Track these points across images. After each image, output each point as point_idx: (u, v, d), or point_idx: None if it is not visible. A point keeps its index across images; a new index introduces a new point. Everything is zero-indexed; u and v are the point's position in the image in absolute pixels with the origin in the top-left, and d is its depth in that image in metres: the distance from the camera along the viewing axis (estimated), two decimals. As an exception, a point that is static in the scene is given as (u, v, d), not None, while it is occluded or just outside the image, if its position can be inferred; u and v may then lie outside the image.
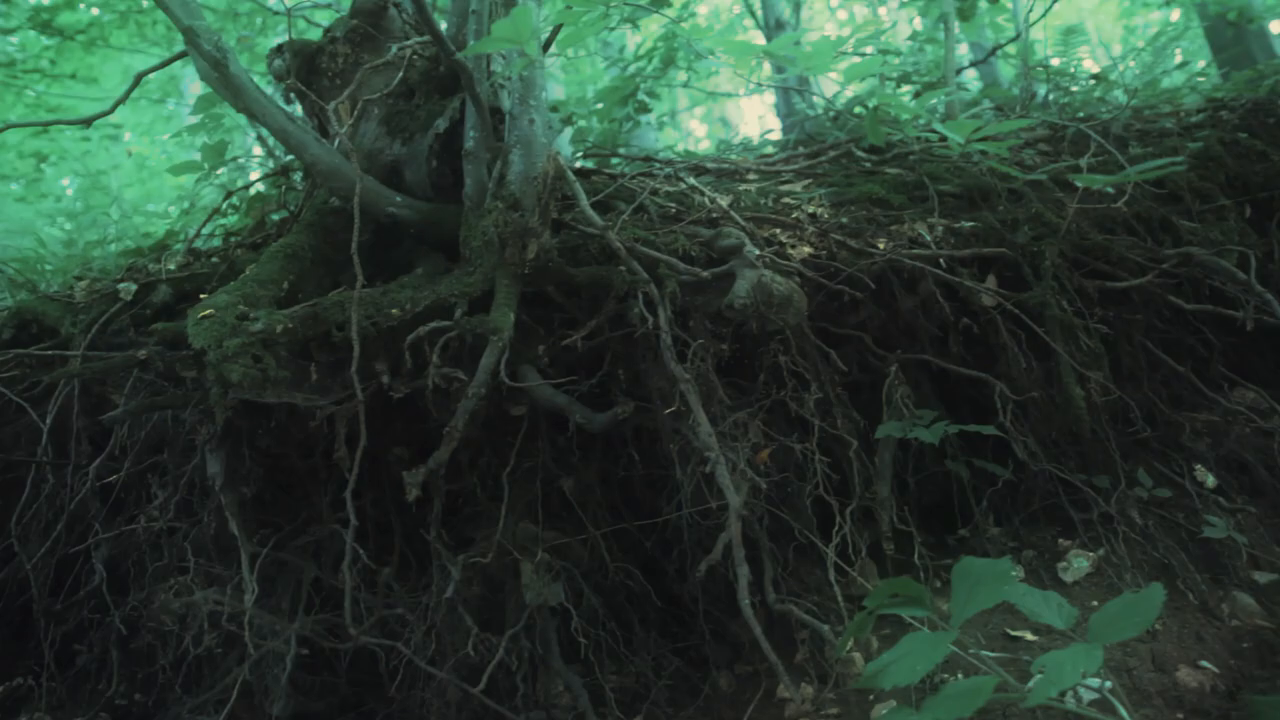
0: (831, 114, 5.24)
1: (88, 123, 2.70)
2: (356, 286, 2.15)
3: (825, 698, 2.07)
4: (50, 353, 2.51)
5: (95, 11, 6.50)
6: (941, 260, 2.51)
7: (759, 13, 6.30)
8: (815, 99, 4.64)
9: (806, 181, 3.11)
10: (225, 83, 2.54)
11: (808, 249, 2.48)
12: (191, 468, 2.26)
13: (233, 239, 3.28)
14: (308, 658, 2.25)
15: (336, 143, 2.71)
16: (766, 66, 7.30)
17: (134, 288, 2.79)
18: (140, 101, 9.00)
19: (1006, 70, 7.55)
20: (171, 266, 2.84)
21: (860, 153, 3.22)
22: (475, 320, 2.17)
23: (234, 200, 3.27)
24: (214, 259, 2.97)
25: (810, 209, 2.75)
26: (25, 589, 2.72)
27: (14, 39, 7.34)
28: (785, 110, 6.22)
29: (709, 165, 3.18)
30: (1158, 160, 1.92)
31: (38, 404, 2.71)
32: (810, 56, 1.67)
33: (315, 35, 3.15)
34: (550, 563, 2.14)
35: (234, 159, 4.12)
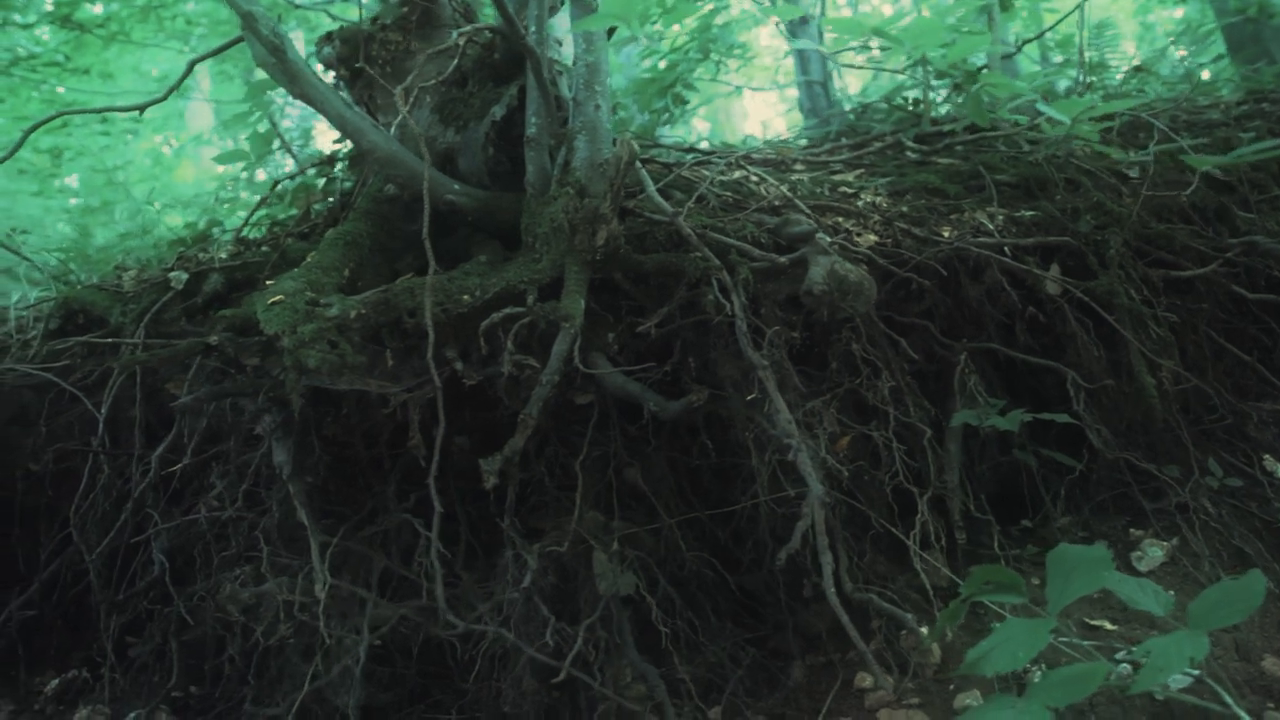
0: (859, 108, 5.22)
1: (141, 109, 2.67)
2: (429, 272, 2.13)
3: (905, 687, 2.04)
4: (111, 340, 2.48)
5: (115, 6, 6.46)
6: (1006, 249, 2.49)
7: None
8: (840, 92, 4.62)
9: (858, 171, 3.09)
10: (283, 69, 2.51)
11: (873, 237, 2.46)
12: (258, 457, 2.23)
13: (276, 229, 3.25)
14: (375, 648, 2.22)
15: (393, 129, 2.69)
16: (788, 62, 7.28)
17: (185, 276, 2.76)
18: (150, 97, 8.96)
19: (1026, 65, 7.54)
20: (223, 255, 2.81)
21: (910, 143, 3.20)
22: (548, 307, 2.15)
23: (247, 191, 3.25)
24: (264, 248, 2.95)
25: (868, 198, 2.73)
26: (79, 580, 2.69)
27: (31, 33, 7.31)
28: (809, 106, 6.19)
29: (754, 156, 3.16)
30: (1268, 142, 1.90)
31: (90, 394, 2.68)
32: (918, 35, 1.65)
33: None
34: (623, 552, 2.12)
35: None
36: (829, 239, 2.25)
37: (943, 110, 3.76)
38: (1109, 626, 2.09)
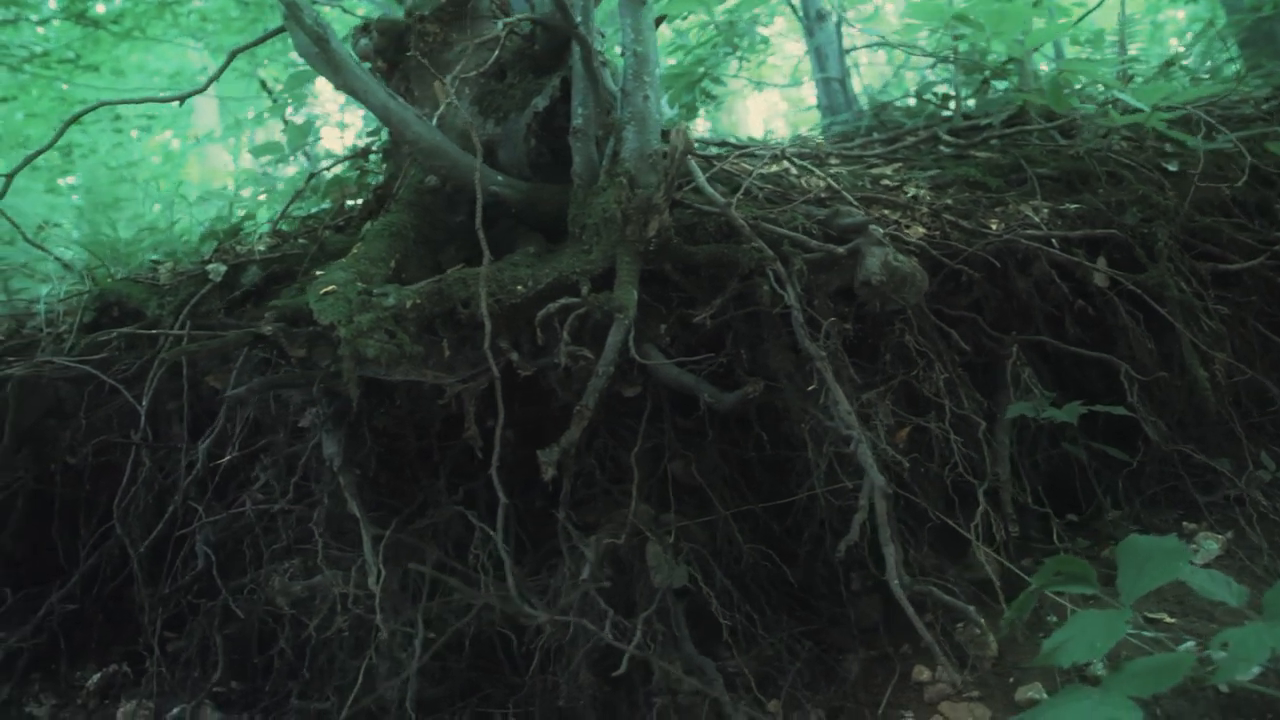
0: (880, 105, 5.21)
1: (180, 99, 2.65)
2: (484, 262, 2.11)
3: (964, 680, 2.03)
4: (156, 332, 2.46)
5: (128, 3, 6.43)
6: (1053, 241, 2.48)
7: (798, 4, 6.26)
8: (869, 89, 4.60)
9: (895, 165, 3.08)
10: (326, 59, 2.49)
11: (920, 229, 2.44)
12: (308, 449, 2.21)
13: (310, 221, 3.24)
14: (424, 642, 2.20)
15: (434, 120, 2.68)
16: (791, 61, 7.27)
17: (224, 269, 2.75)
18: (162, 92, 8.92)
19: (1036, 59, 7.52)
20: (261, 248, 2.79)
21: (946, 136, 3.19)
22: (603, 297, 2.13)
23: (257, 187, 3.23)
24: (300, 240, 2.93)
25: (912, 191, 2.72)
26: (118, 574, 2.67)
27: (40, 30, 7.28)
28: (827, 103, 6.18)
29: (788, 150, 3.14)
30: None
31: (128, 387, 2.66)
32: (1000, 20, 1.63)
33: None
34: (678, 544, 2.10)
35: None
36: (881, 231, 2.23)
37: (968, 105, 3.74)
38: (1168, 619, 2.08)
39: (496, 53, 2.79)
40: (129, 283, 2.94)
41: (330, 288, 2.09)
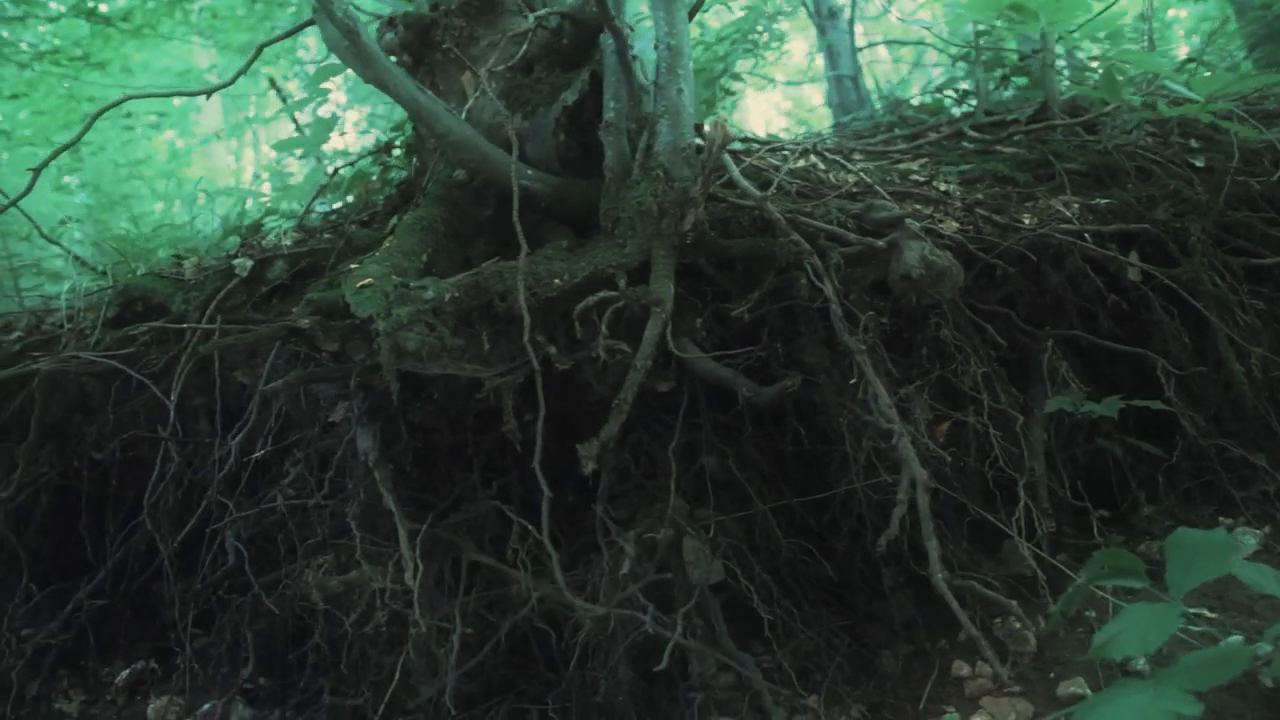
0: (894, 102, 5.20)
1: (209, 93, 2.64)
2: (521, 255, 2.10)
3: (1005, 675, 2.02)
4: (186, 326, 2.45)
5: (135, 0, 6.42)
6: (1086, 235, 2.47)
7: (809, 1, 6.26)
8: (891, 86, 4.60)
9: (922, 160, 3.07)
10: (356, 52, 2.48)
11: (954, 224, 2.44)
12: (342, 444, 2.20)
13: (333, 217, 3.23)
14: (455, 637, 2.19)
15: (463, 114, 2.67)
16: (818, 59, 7.26)
17: (250, 263, 2.73)
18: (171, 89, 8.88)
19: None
20: (288, 242, 2.78)
21: (972, 132, 3.18)
22: (640, 291, 2.12)
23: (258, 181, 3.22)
24: (326, 235, 2.92)
25: (941, 185, 2.71)
26: (145, 569, 2.66)
27: (41, 30, 7.26)
28: (838, 101, 6.18)
29: (818, 145, 3.13)
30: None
31: (154, 382, 2.64)
32: (1056, 9, 1.62)
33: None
34: (716, 539, 2.09)
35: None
36: (918, 225, 2.22)
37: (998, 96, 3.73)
38: (1208, 614, 2.07)
39: (525, 47, 2.79)
40: (153, 278, 2.92)
41: (366, 281, 2.08)
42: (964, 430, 2.20)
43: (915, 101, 5.18)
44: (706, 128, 2.21)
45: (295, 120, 6.54)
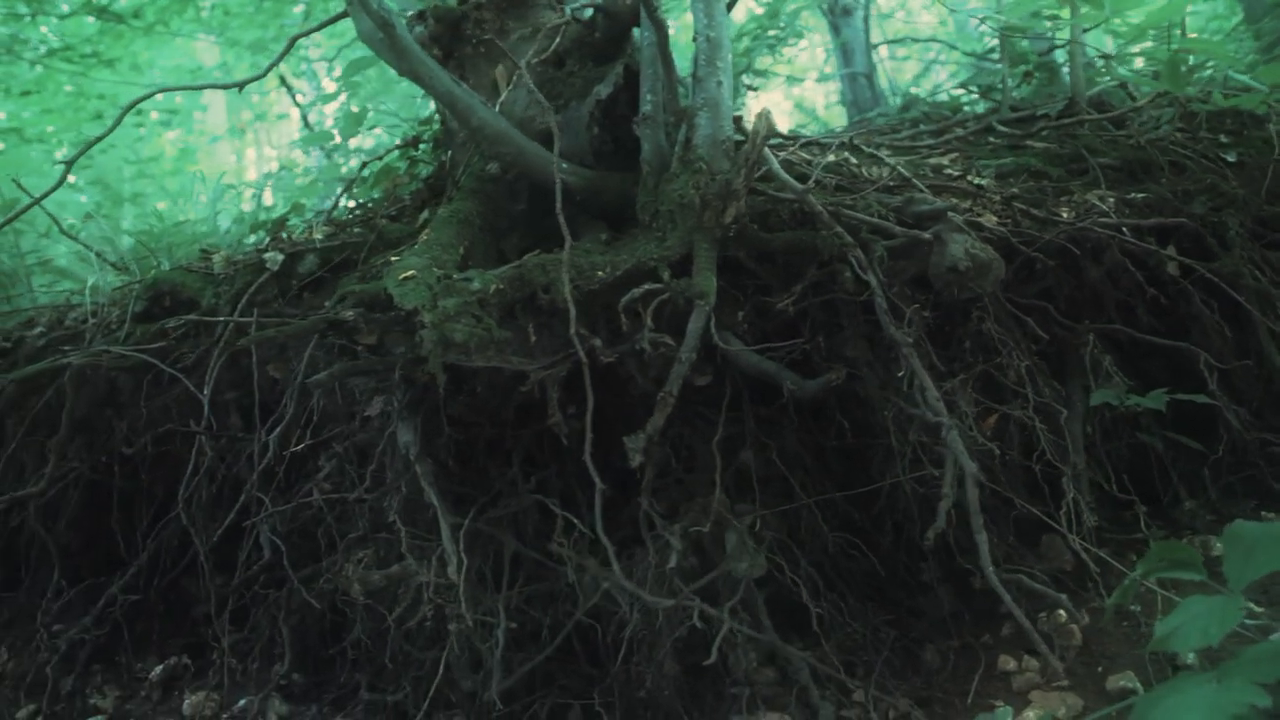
0: (909, 99, 5.19)
1: (241, 86, 2.63)
2: (565, 247, 2.09)
3: (1052, 669, 2.01)
4: (222, 320, 2.43)
5: (146, -3, 6.39)
6: (1124, 229, 2.47)
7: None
8: (911, 83, 4.59)
9: (952, 155, 3.06)
10: (391, 45, 2.46)
11: (992, 218, 2.43)
12: (385, 437, 2.18)
13: (357, 211, 3.21)
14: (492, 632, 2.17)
15: (497, 108, 2.65)
16: (819, 55, 7.23)
17: (281, 257, 2.72)
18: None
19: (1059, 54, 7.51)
20: (319, 236, 2.76)
21: (1002, 127, 3.18)
22: (684, 283, 2.11)
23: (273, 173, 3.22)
24: (355, 229, 2.91)
25: (975, 179, 2.70)
26: (176, 564, 2.65)
27: (43, 30, 7.23)
28: (852, 99, 6.17)
29: (838, 141, 3.12)
30: None
31: (186, 376, 2.63)
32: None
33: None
34: (759, 533, 2.08)
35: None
36: (960, 218, 2.21)
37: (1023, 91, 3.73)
38: (1255, 608, 2.06)
39: (557, 40, 2.78)
40: (182, 272, 2.91)
41: (409, 273, 2.07)
42: (1006, 424, 2.19)
43: (931, 99, 5.18)
44: (749, 120, 2.20)
45: (305, 118, 6.51)
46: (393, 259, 2.20)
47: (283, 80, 7.56)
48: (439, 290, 1.97)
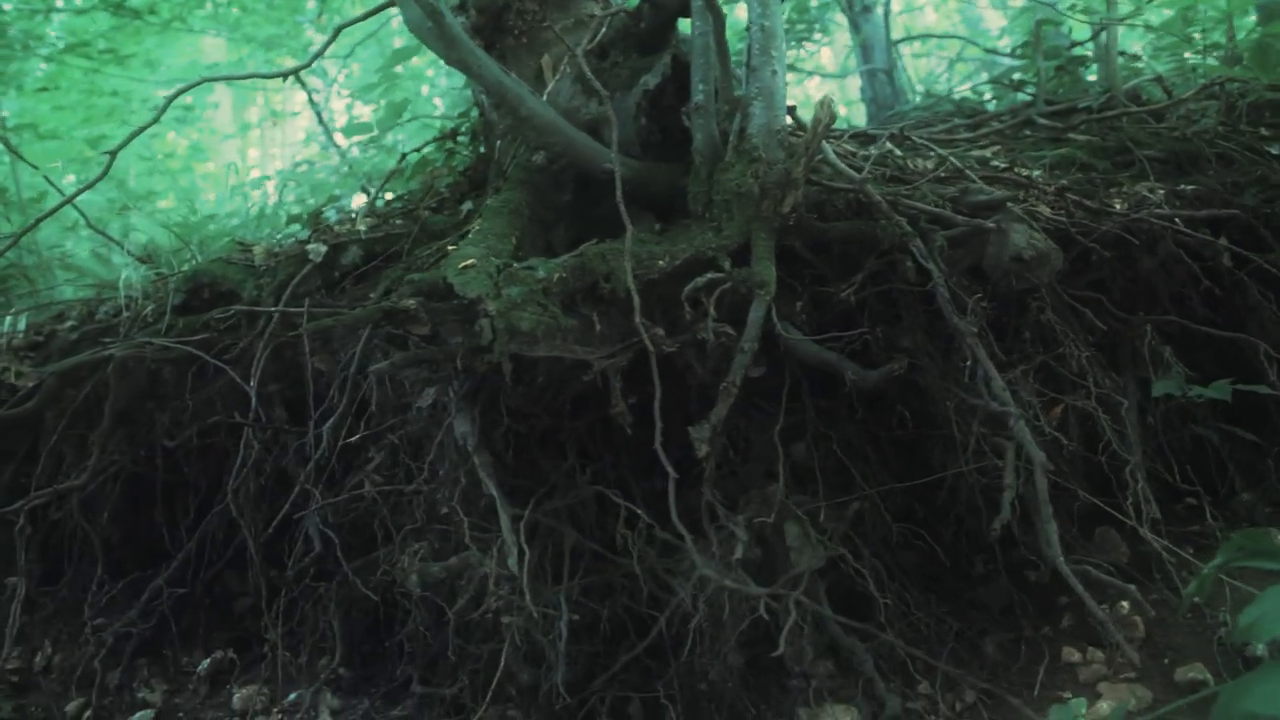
0: (932, 96, 5.18)
1: (285, 75, 2.61)
2: (626, 236, 2.08)
3: (1118, 661, 2.00)
4: (272, 310, 2.42)
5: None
6: (1177, 220, 2.45)
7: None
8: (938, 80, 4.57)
9: (994, 148, 3.05)
10: (440, 34, 2.44)
11: (1046, 209, 2.41)
12: (442, 428, 2.16)
13: (395, 204, 3.19)
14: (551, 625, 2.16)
15: (544, 98, 2.63)
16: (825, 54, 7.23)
17: (324, 249, 2.70)
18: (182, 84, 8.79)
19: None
20: (362, 228, 2.75)
21: (1042, 120, 3.16)
22: (744, 273, 2.10)
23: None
24: (397, 220, 2.89)
25: (1023, 171, 2.69)
26: (219, 558, 2.63)
27: (48, 31, 7.19)
28: (871, 95, 6.16)
29: (887, 132, 3.11)
30: None
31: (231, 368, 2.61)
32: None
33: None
34: (822, 525, 2.07)
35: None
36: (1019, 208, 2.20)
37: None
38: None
39: (604, 30, 2.76)
40: (222, 263, 2.89)
41: (469, 262, 2.05)
42: (1065, 415, 2.18)
43: (952, 95, 5.17)
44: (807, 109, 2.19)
45: (320, 115, 6.48)
46: (449, 248, 2.18)
47: (297, 76, 7.53)
48: (502, 279, 1.96)
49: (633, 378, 2.06)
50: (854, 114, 7.24)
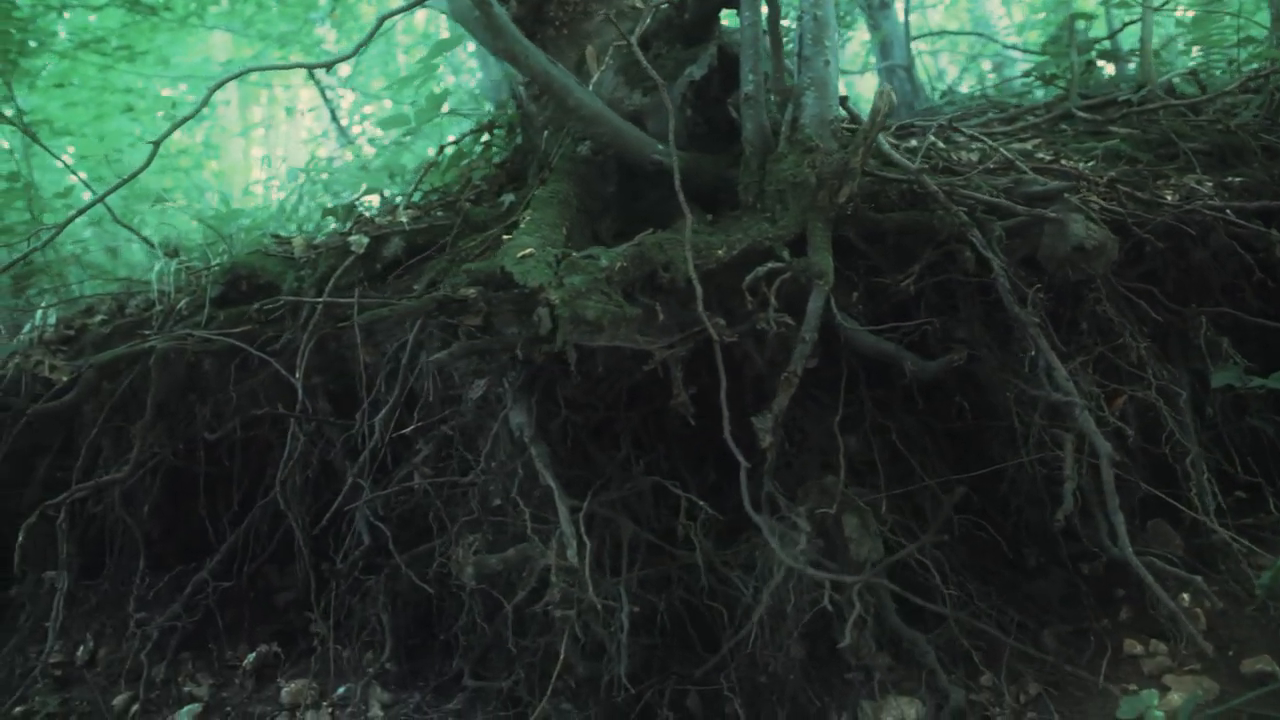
0: (953, 93, 5.17)
1: (328, 66, 2.58)
2: (686, 225, 2.06)
3: (1182, 653, 1.98)
4: (320, 300, 2.40)
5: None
6: (1229, 211, 2.44)
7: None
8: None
9: (1034, 141, 3.04)
10: (488, 23, 2.43)
11: (1098, 200, 2.40)
12: (498, 419, 2.14)
13: (432, 195, 3.18)
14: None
15: (590, 88, 2.62)
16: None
17: (366, 240, 2.68)
18: (194, 81, 8.75)
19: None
20: (404, 219, 2.73)
21: (1082, 114, 3.15)
22: (804, 262, 2.08)
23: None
24: (437, 212, 2.87)
25: (1068, 163, 2.67)
26: (262, 551, 2.61)
27: (58, 34, 7.16)
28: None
29: (935, 124, 3.09)
30: None
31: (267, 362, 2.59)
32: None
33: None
34: (881, 516, 2.05)
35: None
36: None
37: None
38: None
39: (647, 21, 2.75)
40: (260, 255, 2.87)
41: (527, 251, 2.04)
42: (1125, 406, 2.16)
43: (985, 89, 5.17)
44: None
45: (334, 112, 6.45)
46: (504, 238, 2.16)
47: (311, 74, 7.53)
48: (564, 268, 1.94)
49: (695, 368, 2.04)
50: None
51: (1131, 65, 4.42)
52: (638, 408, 2.25)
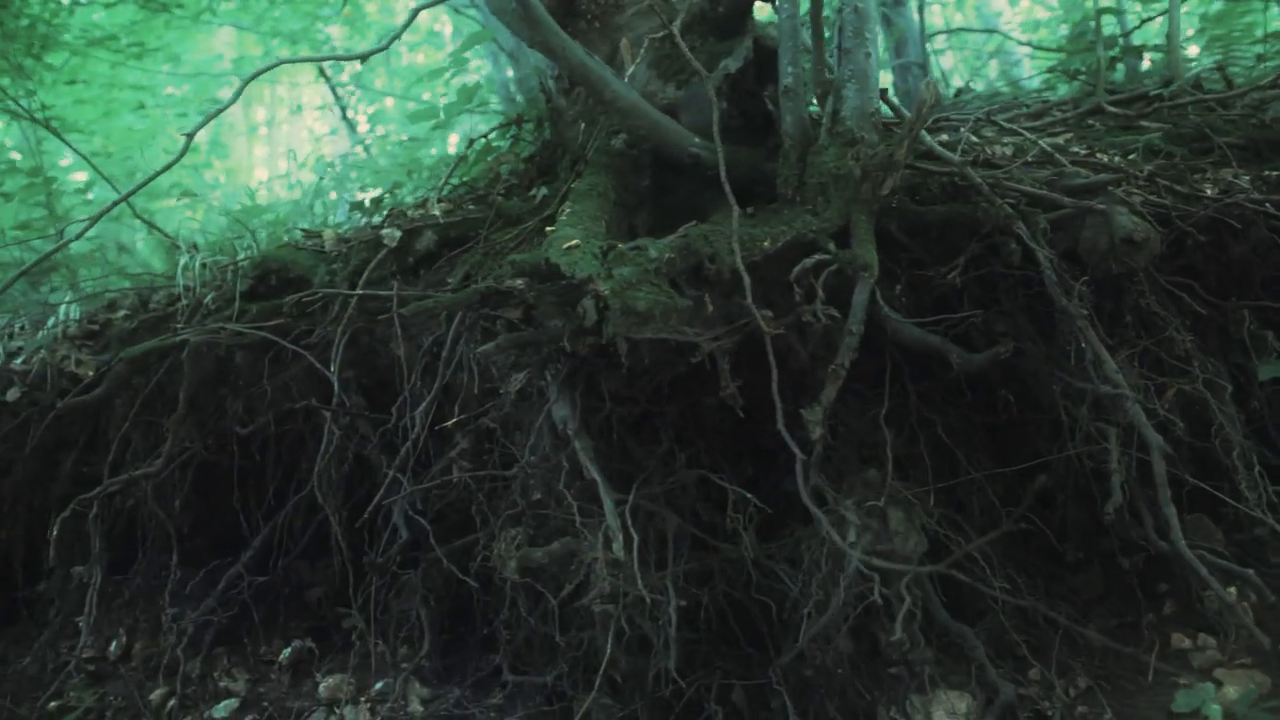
0: (968, 90, 5.16)
1: (363, 58, 2.57)
2: (733, 217, 2.05)
3: (1231, 647, 1.97)
4: (357, 293, 2.38)
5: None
6: (1268, 205, 2.43)
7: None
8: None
9: (1066, 135, 3.03)
10: (525, 16, 2.42)
11: (1138, 194, 2.39)
12: (543, 412, 2.13)
13: (460, 190, 3.16)
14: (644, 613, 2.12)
15: (625, 80, 2.61)
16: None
17: (399, 234, 2.67)
18: (201, 79, 8.73)
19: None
20: (437, 213, 2.71)
21: (1112, 109, 3.14)
22: (850, 255, 2.07)
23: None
24: (469, 206, 2.86)
25: (1104, 158, 2.66)
26: (295, 546, 2.60)
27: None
28: (903, 89, 6.13)
29: (973, 118, 3.08)
30: None
31: (300, 356, 2.57)
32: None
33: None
34: (929, 510, 2.04)
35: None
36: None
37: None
38: None
39: (682, 16, 2.74)
40: (290, 249, 2.86)
41: (573, 242, 2.02)
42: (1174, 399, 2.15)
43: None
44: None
45: (344, 110, 6.44)
46: (548, 229, 2.15)
47: (320, 70, 7.51)
48: (613, 259, 1.93)
49: (740, 361, 2.03)
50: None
51: (1146, 62, 4.43)
52: (676, 401, 2.23)
